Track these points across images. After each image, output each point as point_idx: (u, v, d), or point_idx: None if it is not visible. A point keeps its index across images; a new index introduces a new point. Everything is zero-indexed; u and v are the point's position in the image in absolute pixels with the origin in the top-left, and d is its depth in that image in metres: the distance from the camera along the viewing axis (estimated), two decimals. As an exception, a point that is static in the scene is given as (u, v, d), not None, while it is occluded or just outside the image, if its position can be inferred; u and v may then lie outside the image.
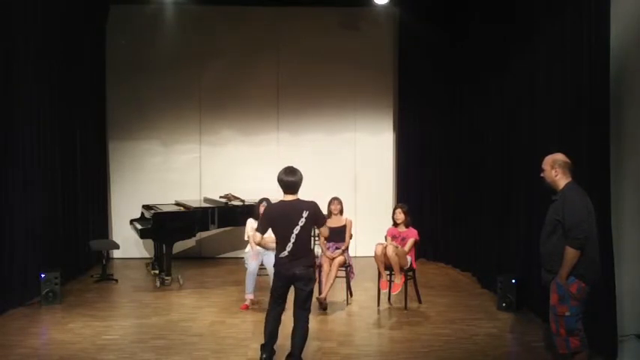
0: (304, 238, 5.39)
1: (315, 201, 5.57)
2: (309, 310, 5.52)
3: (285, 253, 5.35)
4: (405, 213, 7.70)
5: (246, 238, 7.97)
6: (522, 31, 7.54)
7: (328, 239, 7.82)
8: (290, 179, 5.43)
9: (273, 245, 5.71)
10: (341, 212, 7.96)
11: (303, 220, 5.32)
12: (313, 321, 7.05)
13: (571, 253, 4.66)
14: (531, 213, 6.94)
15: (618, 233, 5.64)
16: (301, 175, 5.50)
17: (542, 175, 4.98)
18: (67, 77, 9.16)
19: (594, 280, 4.80)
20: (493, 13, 8.44)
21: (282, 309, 5.59)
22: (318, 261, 7.94)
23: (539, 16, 7.12)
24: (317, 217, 5.46)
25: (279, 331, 5.68)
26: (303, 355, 5.48)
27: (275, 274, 5.57)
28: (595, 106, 5.75)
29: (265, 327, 5.60)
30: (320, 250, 7.82)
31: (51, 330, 6.73)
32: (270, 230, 5.56)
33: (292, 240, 5.32)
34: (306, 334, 5.50)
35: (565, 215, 4.70)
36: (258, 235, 5.48)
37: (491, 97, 8.61)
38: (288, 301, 5.69)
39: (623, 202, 5.70)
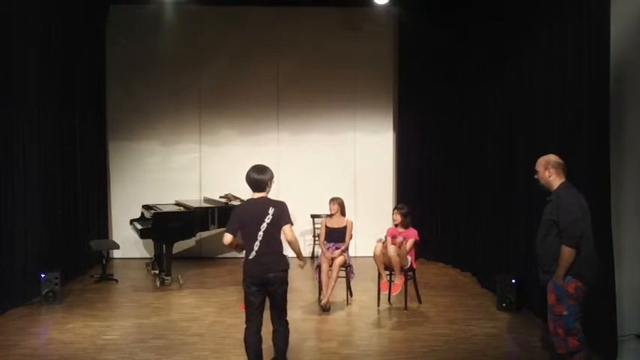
0: (272, 238, 5.08)
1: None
2: (286, 313, 5.26)
3: (253, 253, 5.07)
4: (402, 215, 7.68)
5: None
6: (522, 31, 7.54)
7: (328, 239, 7.84)
8: (255, 177, 5.20)
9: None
10: (342, 213, 7.94)
11: (269, 217, 5.06)
12: (313, 321, 7.09)
13: (567, 252, 4.67)
14: (531, 213, 6.94)
15: (618, 233, 5.64)
16: (271, 173, 5.28)
17: (536, 176, 5.00)
18: (67, 77, 9.16)
19: (592, 279, 4.81)
20: (493, 13, 8.44)
21: (261, 321, 5.21)
22: (317, 261, 7.96)
23: (539, 16, 7.12)
24: (281, 216, 5.11)
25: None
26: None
27: (246, 277, 5.21)
28: (595, 105, 5.76)
29: (247, 347, 5.20)
30: (320, 251, 7.81)
31: (51, 330, 6.73)
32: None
33: (259, 238, 5.05)
34: (288, 335, 5.26)
35: (560, 215, 4.72)
36: (229, 236, 5.15)
37: (491, 97, 8.61)
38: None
39: (623, 202, 5.71)
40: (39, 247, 8.10)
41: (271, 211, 5.09)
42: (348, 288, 7.91)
